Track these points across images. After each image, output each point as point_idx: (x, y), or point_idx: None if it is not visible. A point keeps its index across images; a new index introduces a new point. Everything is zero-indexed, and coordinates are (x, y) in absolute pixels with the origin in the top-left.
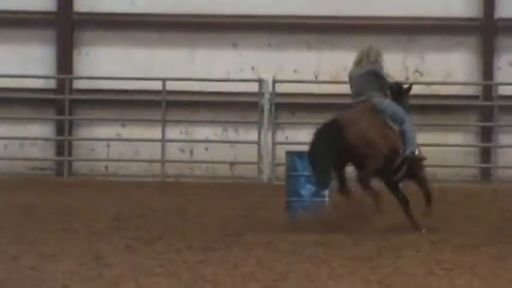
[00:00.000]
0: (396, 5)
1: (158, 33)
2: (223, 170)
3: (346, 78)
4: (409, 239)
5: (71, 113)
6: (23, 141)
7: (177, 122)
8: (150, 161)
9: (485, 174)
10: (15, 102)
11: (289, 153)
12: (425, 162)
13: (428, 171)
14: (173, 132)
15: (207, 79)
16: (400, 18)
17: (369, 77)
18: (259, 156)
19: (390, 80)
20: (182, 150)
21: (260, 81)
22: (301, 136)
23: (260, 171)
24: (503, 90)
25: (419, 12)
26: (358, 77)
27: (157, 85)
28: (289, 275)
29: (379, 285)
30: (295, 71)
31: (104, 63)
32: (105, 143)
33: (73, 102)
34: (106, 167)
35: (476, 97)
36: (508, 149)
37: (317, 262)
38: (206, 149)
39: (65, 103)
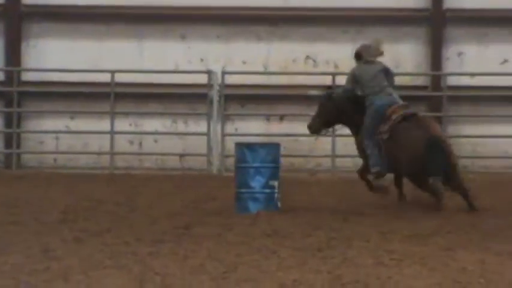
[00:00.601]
0: None
1: (106, 25)
2: (173, 162)
3: (298, 69)
4: (358, 230)
5: (19, 105)
6: None
7: (126, 114)
8: (99, 153)
9: None
10: None
11: (239, 145)
12: None
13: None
14: (122, 124)
15: (156, 71)
16: (349, 9)
17: (385, 73)
18: (209, 147)
19: None
20: (131, 142)
21: (209, 72)
22: (250, 127)
23: (210, 163)
24: (452, 81)
25: (368, 3)
26: (377, 72)
27: (106, 77)
28: (239, 267)
29: (329, 275)
30: (244, 63)
31: (53, 55)
32: (54, 135)
33: (21, 94)
34: (55, 160)
35: (425, 88)
36: (457, 139)
37: (266, 253)
38: (155, 141)
39: (13, 95)
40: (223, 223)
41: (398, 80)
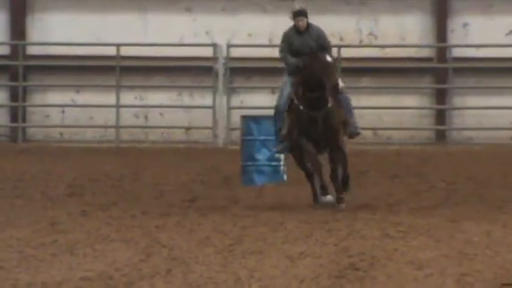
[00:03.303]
0: None
1: None
2: (179, 135)
3: None
4: (364, 203)
5: (24, 79)
6: None
7: (132, 87)
8: (105, 127)
9: (440, 136)
10: None
11: (244, 118)
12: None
13: (384, 134)
14: (128, 98)
15: (160, 44)
16: None
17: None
18: (214, 120)
19: None
20: (137, 116)
21: (214, 45)
22: (256, 100)
23: (215, 135)
24: (457, 52)
25: None
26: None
27: (111, 51)
28: (245, 239)
29: (335, 247)
30: (249, 35)
31: (58, 29)
32: (59, 109)
33: (27, 68)
34: (61, 133)
35: (430, 59)
36: (462, 110)
37: (273, 225)
38: (161, 114)
39: (18, 69)
40: (229, 196)
41: (404, 52)
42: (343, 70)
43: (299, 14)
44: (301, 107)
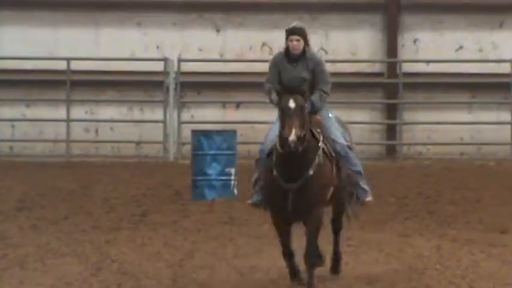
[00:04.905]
0: None
1: (63, 13)
2: (129, 150)
3: (255, 57)
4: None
5: None
6: None
7: (82, 101)
8: (55, 141)
9: (391, 151)
10: None
11: (195, 132)
12: None
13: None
14: (78, 112)
15: (112, 58)
16: None
17: None
18: (165, 135)
19: None
20: (87, 130)
21: (165, 60)
22: (207, 115)
23: (166, 150)
24: (408, 68)
25: None
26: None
27: (62, 65)
28: (196, 254)
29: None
30: (200, 50)
31: (9, 43)
32: (9, 123)
33: None
34: (11, 148)
35: (381, 74)
36: (412, 125)
37: (223, 241)
38: (111, 128)
39: None
40: (179, 210)
41: (354, 67)
42: None
43: (293, 33)
44: (274, 172)
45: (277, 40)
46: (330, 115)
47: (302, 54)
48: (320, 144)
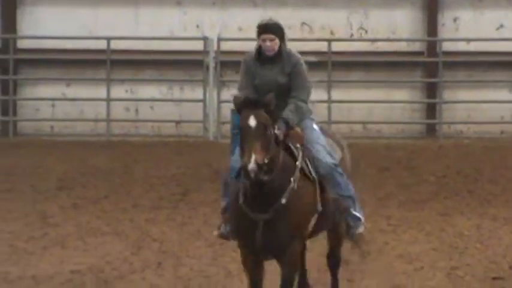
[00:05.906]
0: None
1: None
2: (169, 129)
3: (294, 36)
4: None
5: (15, 73)
6: None
7: (122, 81)
8: (96, 120)
9: (431, 130)
10: None
11: (235, 111)
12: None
13: (374, 127)
14: (118, 91)
15: (151, 38)
16: None
17: None
18: (205, 114)
19: None
20: (127, 109)
21: (205, 39)
22: None
23: (206, 129)
24: (448, 46)
25: None
26: None
27: (101, 44)
28: None
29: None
30: (240, 29)
31: (48, 22)
32: (50, 102)
33: (17, 61)
34: (51, 127)
35: (421, 53)
36: (452, 104)
37: None
38: (151, 107)
39: (9, 63)
40: (219, 189)
41: (394, 46)
42: (334, 64)
43: (266, 31)
44: (241, 200)
45: (316, 19)
46: (315, 126)
47: (278, 55)
48: (298, 163)
